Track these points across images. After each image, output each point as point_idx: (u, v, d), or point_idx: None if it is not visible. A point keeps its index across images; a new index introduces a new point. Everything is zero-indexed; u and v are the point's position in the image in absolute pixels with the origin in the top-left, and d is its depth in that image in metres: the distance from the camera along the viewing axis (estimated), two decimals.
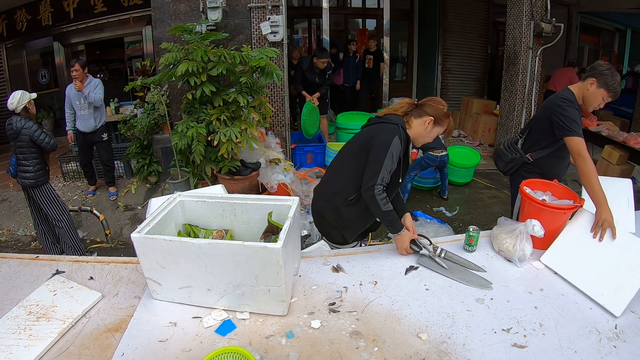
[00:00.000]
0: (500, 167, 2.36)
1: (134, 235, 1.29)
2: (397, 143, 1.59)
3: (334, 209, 1.79)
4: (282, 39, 4.23)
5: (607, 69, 1.91)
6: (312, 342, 1.22)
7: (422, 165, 4.07)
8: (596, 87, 1.93)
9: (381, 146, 1.58)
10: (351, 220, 1.79)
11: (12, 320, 1.29)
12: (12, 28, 6.51)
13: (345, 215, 1.77)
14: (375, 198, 1.57)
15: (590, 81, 1.93)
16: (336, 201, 1.76)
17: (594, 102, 1.97)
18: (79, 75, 3.94)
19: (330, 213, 1.81)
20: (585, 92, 1.97)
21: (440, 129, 1.70)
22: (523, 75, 4.85)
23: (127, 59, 6.82)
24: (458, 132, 6.58)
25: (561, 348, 1.20)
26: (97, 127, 4.21)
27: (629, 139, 4.44)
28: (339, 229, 1.82)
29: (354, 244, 1.93)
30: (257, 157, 4.00)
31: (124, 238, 3.93)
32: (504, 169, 2.33)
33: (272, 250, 1.20)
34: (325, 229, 1.90)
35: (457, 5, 7.07)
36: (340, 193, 1.74)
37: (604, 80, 1.90)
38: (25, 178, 3.08)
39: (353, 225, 1.81)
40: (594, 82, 1.92)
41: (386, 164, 1.56)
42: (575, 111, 1.92)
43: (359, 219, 1.79)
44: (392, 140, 1.58)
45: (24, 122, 2.96)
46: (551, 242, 1.72)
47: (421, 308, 1.38)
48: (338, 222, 1.80)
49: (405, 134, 1.67)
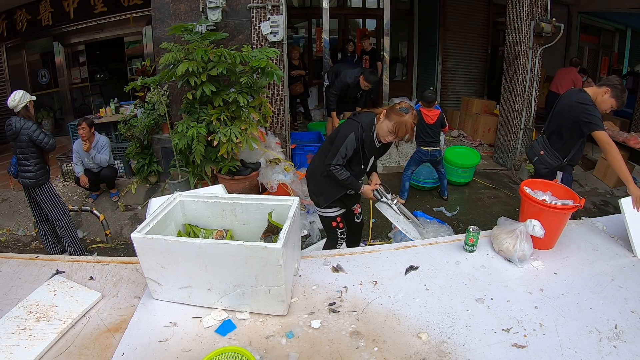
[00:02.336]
0: (542, 171, 2.62)
1: (134, 235, 1.29)
2: (352, 138, 2.04)
3: (317, 179, 2.28)
4: (282, 39, 4.23)
5: (621, 84, 2.33)
6: (312, 342, 1.22)
7: (416, 160, 4.10)
8: (609, 96, 2.31)
9: (341, 137, 2.08)
10: (325, 189, 2.26)
11: (12, 320, 1.29)
12: (12, 28, 6.51)
13: (321, 184, 2.26)
14: (333, 172, 2.08)
15: (605, 90, 2.31)
16: (318, 173, 2.25)
17: (604, 107, 2.34)
18: (86, 134, 4.05)
19: (314, 181, 2.32)
20: (599, 97, 2.33)
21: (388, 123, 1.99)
22: (523, 75, 4.85)
23: (127, 59, 6.82)
24: (458, 132, 6.58)
25: (561, 348, 1.20)
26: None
27: (629, 139, 4.45)
28: (316, 195, 2.32)
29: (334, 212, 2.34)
30: (257, 157, 4.00)
31: (124, 238, 3.93)
32: (544, 173, 2.59)
33: (272, 250, 1.20)
34: (313, 196, 2.36)
35: (457, 5, 7.07)
36: (319, 168, 2.23)
37: (616, 93, 2.29)
38: (26, 178, 3.08)
39: (326, 193, 2.27)
40: (608, 91, 2.30)
41: (341, 151, 2.05)
42: (597, 111, 2.31)
43: (332, 187, 2.24)
44: (349, 135, 2.04)
45: (24, 122, 2.96)
46: (551, 242, 1.72)
47: (421, 308, 1.38)
48: (317, 189, 2.30)
49: (364, 131, 2.05)
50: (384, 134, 2.04)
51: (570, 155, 2.51)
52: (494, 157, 5.55)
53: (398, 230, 3.58)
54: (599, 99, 2.34)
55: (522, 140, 5.06)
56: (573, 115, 2.37)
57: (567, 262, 1.66)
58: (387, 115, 2.01)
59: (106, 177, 4.36)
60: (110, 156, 4.34)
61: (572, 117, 2.38)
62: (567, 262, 1.66)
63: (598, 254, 1.72)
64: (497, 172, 5.16)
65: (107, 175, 4.35)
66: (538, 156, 2.66)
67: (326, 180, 2.21)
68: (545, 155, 2.61)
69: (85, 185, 4.19)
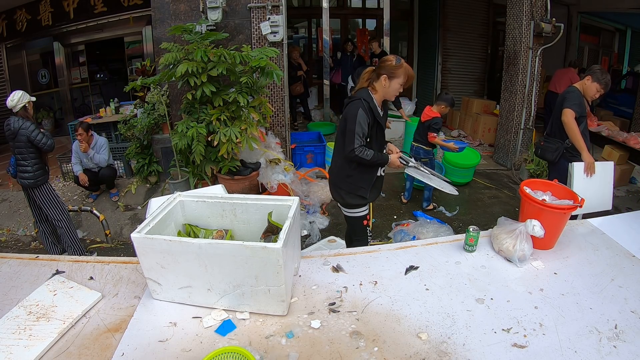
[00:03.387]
0: (550, 157, 2.95)
1: (134, 235, 1.29)
2: (362, 113, 2.00)
3: (346, 177, 2.18)
4: (282, 39, 4.23)
5: (599, 69, 2.78)
6: (312, 342, 1.22)
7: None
8: (590, 82, 2.76)
9: (351, 118, 2.02)
10: (360, 178, 2.18)
11: (12, 320, 1.29)
12: (12, 28, 6.51)
13: (355, 176, 2.18)
14: (359, 156, 2.02)
15: (587, 77, 2.79)
16: (345, 170, 2.17)
17: (590, 92, 2.79)
18: (83, 138, 4.11)
19: (345, 182, 2.21)
20: (584, 86, 2.80)
21: (398, 80, 2.01)
22: (523, 75, 4.85)
23: (127, 59, 6.81)
24: (458, 132, 6.58)
25: (561, 348, 1.20)
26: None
27: (628, 139, 4.44)
28: (351, 192, 2.21)
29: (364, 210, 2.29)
30: (257, 157, 4.00)
31: (124, 238, 3.93)
32: (552, 158, 2.94)
33: (272, 250, 1.20)
34: (346, 199, 2.25)
35: (457, 5, 7.07)
36: (343, 164, 2.17)
37: (596, 77, 2.74)
38: (24, 178, 3.08)
39: (363, 183, 2.19)
40: (589, 78, 2.77)
41: (357, 131, 1.99)
42: (577, 96, 2.77)
43: (364, 174, 2.19)
44: (358, 112, 2.00)
45: (22, 122, 2.96)
46: (551, 242, 1.72)
47: (421, 308, 1.38)
48: (352, 186, 2.19)
49: (368, 103, 2.03)
50: (394, 91, 2.04)
51: (569, 141, 2.81)
52: (494, 157, 5.56)
53: (398, 230, 3.59)
54: (584, 88, 2.79)
55: (522, 140, 5.06)
56: (562, 104, 2.80)
57: (567, 262, 1.65)
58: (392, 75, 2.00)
59: (105, 177, 4.36)
60: (109, 156, 4.34)
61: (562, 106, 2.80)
62: (567, 262, 1.66)
63: (598, 254, 1.72)
64: (497, 172, 5.16)
65: (106, 176, 4.35)
66: (540, 147, 3.02)
67: (355, 171, 2.16)
68: (546, 143, 2.97)
69: (85, 183, 4.19)
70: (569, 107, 2.74)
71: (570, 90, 2.82)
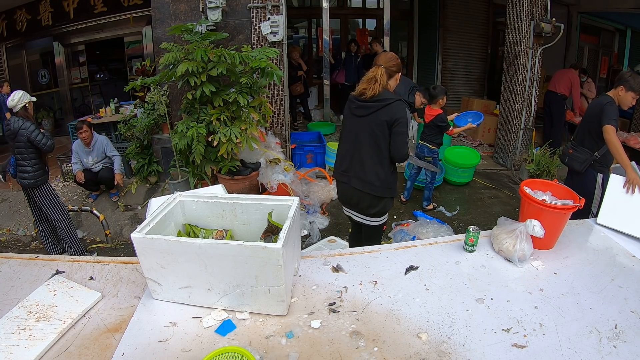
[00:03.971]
0: (577, 167, 2.84)
1: (134, 235, 1.28)
2: (409, 113, 2.03)
3: (387, 185, 2.15)
4: (282, 39, 4.23)
5: (630, 75, 2.62)
6: (312, 342, 1.22)
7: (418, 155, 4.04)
8: (625, 92, 2.61)
9: (403, 121, 2.01)
10: (394, 182, 2.21)
11: (12, 320, 1.29)
12: (12, 28, 6.51)
13: (392, 181, 2.18)
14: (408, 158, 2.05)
15: (620, 88, 2.62)
16: (389, 178, 2.14)
17: (627, 102, 2.65)
18: (88, 136, 4.17)
19: (388, 190, 2.17)
20: (618, 97, 2.65)
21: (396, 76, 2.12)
22: (523, 75, 4.85)
23: (127, 59, 6.82)
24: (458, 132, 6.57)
25: (561, 348, 1.20)
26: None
27: (629, 139, 4.45)
28: (390, 196, 2.19)
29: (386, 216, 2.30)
30: (257, 157, 4.00)
31: (124, 238, 3.93)
32: (580, 169, 2.82)
33: (272, 250, 1.20)
34: (386, 207, 2.22)
35: (457, 5, 7.07)
36: (383, 170, 2.12)
37: (630, 85, 2.58)
38: (24, 178, 3.08)
39: (395, 186, 2.22)
40: (622, 88, 2.61)
41: (408, 132, 2.04)
42: (614, 109, 2.60)
43: (396, 179, 2.23)
44: (407, 113, 2.01)
45: (22, 123, 2.96)
46: (551, 242, 1.72)
47: (421, 308, 1.38)
48: (389, 192, 2.17)
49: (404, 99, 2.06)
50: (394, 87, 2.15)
51: (601, 151, 2.71)
52: (493, 157, 5.56)
53: (398, 230, 3.59)
54: (619, 99, 2.65)
55: (522, 140, 5.06)
56: (598, 117, 2.64)
57: (567, 262, 1.65)
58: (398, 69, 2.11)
59: (104, 178, 4.35)
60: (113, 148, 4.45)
61: (598, 118, 2.65)
62: (567, 262, 1.66)
63: (598, 254, 1.72)
64: (497, 172, 5.16)
65: (105, 177, 4.35)
66: (568, 155, 2.91)
67: (393, 176, 2.18)
68: (574, 152, 2.86)
69: (80, 180, 4.22)
70: (609, 123, 2.56)
71: (607, 101, 2.64)
